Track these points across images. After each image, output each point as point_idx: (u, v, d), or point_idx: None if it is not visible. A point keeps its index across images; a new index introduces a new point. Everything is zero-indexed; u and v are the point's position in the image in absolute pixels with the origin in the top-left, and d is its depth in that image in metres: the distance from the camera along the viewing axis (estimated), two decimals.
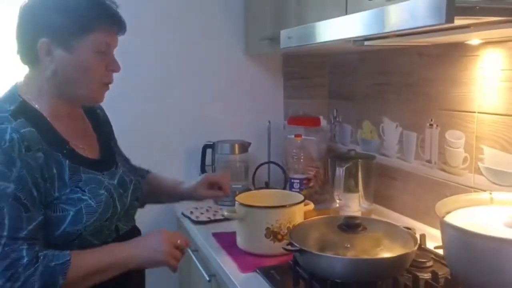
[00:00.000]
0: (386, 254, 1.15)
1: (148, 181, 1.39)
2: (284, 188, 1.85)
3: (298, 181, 1.90)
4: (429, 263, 1.27)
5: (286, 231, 1.34)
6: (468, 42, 1.35)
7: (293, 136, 1.98)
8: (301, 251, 1.12)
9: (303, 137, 1.97)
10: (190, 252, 1.69)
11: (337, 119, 2.11)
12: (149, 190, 1.37)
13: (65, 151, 1.06)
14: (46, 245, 1.02)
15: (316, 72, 2.22)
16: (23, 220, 0.96)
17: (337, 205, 1.66)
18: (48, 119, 1.07)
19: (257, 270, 1.28)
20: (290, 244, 1.14)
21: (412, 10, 0.85)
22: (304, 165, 1.94)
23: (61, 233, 1.03)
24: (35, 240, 0.98)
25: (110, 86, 1.15)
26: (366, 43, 1.29)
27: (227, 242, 1.48)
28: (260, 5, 1.95)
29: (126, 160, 1.34)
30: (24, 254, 0.95)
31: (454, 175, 1.47)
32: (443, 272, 1.18)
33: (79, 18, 1.05)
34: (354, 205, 1.67)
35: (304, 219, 1.40)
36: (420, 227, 1.55)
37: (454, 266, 1.06)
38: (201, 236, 1.57)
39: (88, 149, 1.14)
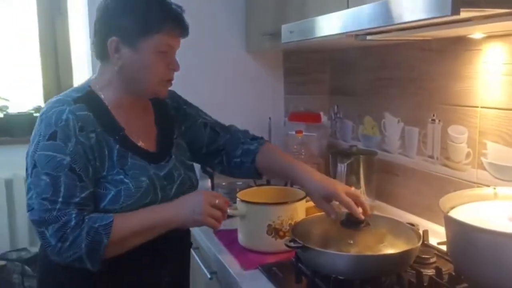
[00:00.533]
0: (390, 250, 1.14)
1: (262, 153, 1.36)
2: (286, 185, 1.82)
3: None
4: (433, 259, 1.25)
5: (288, 227, 1.32)
6: (471, 36, 1.33)
7: (293, 132, 1.96)
8: (303, 247, 1.10)
9: (303, 133, 1.96)
10: (192, 250, 1.68)
11: (338, 115, 2.10)
12: (263, 163, 1.35)
13: (117, 137, 1.16)
14: None
15: (317, 68, 2.21)
16: (77, 188, 1.08)
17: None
18: (109, 107, 1.18)
19: (259, 267, 1.27)
20: (293, 240, 1.13)
21: (416, 2, 0.84)
22: (305, 161, 1.85)
23: (101, 209, 1.11)
24: (86, 207, 1.09)
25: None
26: (368, 37, 1.27)
27: (228, 239, 1.46)
28: (261, 1, 1.93)
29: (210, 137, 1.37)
30: (73, 217, 1.06)
31: (457, 170, 1.46)
32: (446, 268, 1.17)
33: (146, 21, 1.13)
34: None
35: (306, 215, 1.39)
36: (422, 223, 1.53)
37: (458, 262, 1.05)
38: (202, 234, 1.55)
39: (144, 141, 1.21)
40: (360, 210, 1.19)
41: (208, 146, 1.38)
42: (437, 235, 1.40)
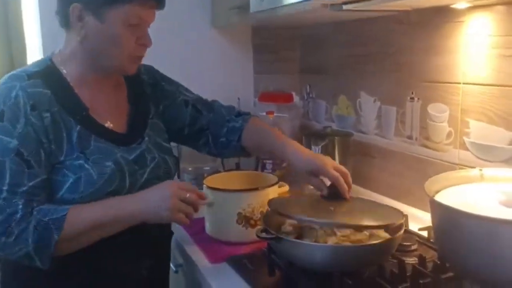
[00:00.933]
0: (372, 223, 1.04)
1: (247, 130, 1.26)
2: (256, 169, 1.76)
3: (270, 162, 1.80)
4: (414, 246, 1.20)
5: (259, 216, 1.23)
6: (453, 6, 1.25)
7: (264, 114, 1.88)
8: (277, 238, 1.00)
9: (275, 114, 1.88)
10: None
11: (311, 95, 2.02)
12: (249, 141, 1.26)
13: (79, 117, 1.04)
14: None
15: (288, 45, 2.12)
16: (25, 176, 0.97)
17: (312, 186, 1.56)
18: (71, 84, 1.06)
19: (228, 260, 1.17)
20: (264, 231, 1.03)
21: None
22: None
23: (59, 199, 1.01)
24: (35, 197, 0.98)
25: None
26: (344, 7, 1.17)
27: (195, 229, 1.36)
28: None
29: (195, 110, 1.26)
30: (19, 208, 0.95)
31: (438, 151, 1.39)
32: (429, 255, 1.11)
33: None
34: None
35: None
36: (401, 208, 1.44)
37: (444, 249, 0.97)
38: None
39: (113, 121, 1.10)
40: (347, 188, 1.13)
41: (190, 126, 1.27)
42: (417, 220, 1.35)
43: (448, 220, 0.92)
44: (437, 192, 1.02)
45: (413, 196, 1.47)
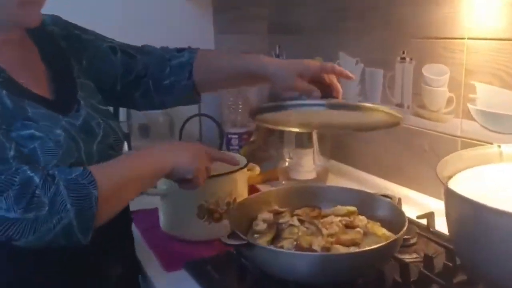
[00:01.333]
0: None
1: (198, 62, 1.09)
2: (221, 146, 1.59)
3: (236, 136, 1.69)
4: (414, 240, 1.01)
5: (225, 207, 1.04)
6: None
7: None
8: (248, 245, 0.78)
9: None
10: None
11: (281, 58, 1.82)
12: (204, 74, 1.09)
13: (1, 80, 0.83)
14: None
15: (254, 0, 1.91)
16: (2, 139, 0.76)
17: (286, 164, 1.38)
18: None
19: (187, 266, 0.96)
20: (233, 235, 0.80)
21: None
22: (243, 116, 1.72)
23: None
24: (28, 160, 0.79)
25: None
26: None
27: (146, 224, 1.15)
28: None
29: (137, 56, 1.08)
30: (29, 173, 0.74)
31: (435, 121, 1.21)
32: (432, 251, 0.95)
33: None
34: (308, 163, 1.38)
35: (249, 189, 1.11)
36: (390, 187, 1.30)
37: (463, 251, 0.78)
38: None
39: (35, 86, 0.88)
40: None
41: (123, 77, 1.06)
42: (411, 203, 1.19)
43: (471, 217, 0.71)
44: (450, 177, 0.82)
45: (405, 174, 1.30)
